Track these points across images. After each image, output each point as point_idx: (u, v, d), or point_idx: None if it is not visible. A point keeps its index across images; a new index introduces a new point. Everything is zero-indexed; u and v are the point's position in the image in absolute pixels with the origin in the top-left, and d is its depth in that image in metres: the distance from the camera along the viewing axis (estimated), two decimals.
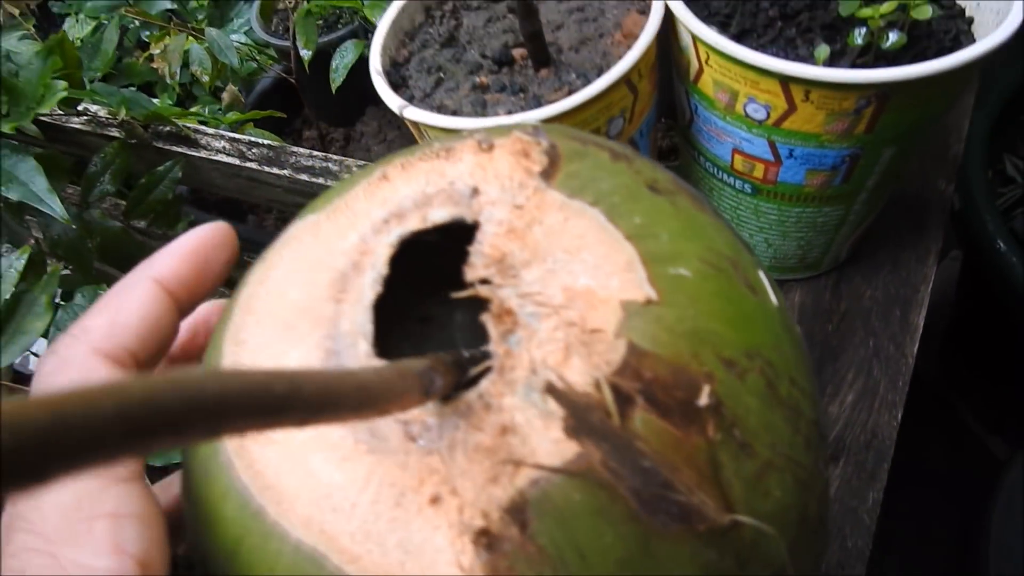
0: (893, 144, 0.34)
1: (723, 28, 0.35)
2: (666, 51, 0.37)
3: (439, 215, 0.18)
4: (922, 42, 0.33)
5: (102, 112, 0.65)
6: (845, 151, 0.33)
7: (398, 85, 0.38)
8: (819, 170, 0.35)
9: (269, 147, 0.64)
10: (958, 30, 0.34)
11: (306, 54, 0.76)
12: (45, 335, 0.45)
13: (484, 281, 0.16)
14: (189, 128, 0.65)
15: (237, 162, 0.66)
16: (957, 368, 0.92)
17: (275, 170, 0.67)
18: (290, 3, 0.81)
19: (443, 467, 0.14)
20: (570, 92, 0.34)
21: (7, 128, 0.54)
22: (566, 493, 0.14)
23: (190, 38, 0.86)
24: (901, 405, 0.39)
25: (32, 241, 0.51)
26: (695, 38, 0.33)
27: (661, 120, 0.52)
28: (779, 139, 0.34)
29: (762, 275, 0.19)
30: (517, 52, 0.37)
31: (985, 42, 0.29)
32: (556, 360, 0.15)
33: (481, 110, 0.35)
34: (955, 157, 0.49)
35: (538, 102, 0.35)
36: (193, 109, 0.83)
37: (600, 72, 0.34)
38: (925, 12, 0.31)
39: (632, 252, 0.16)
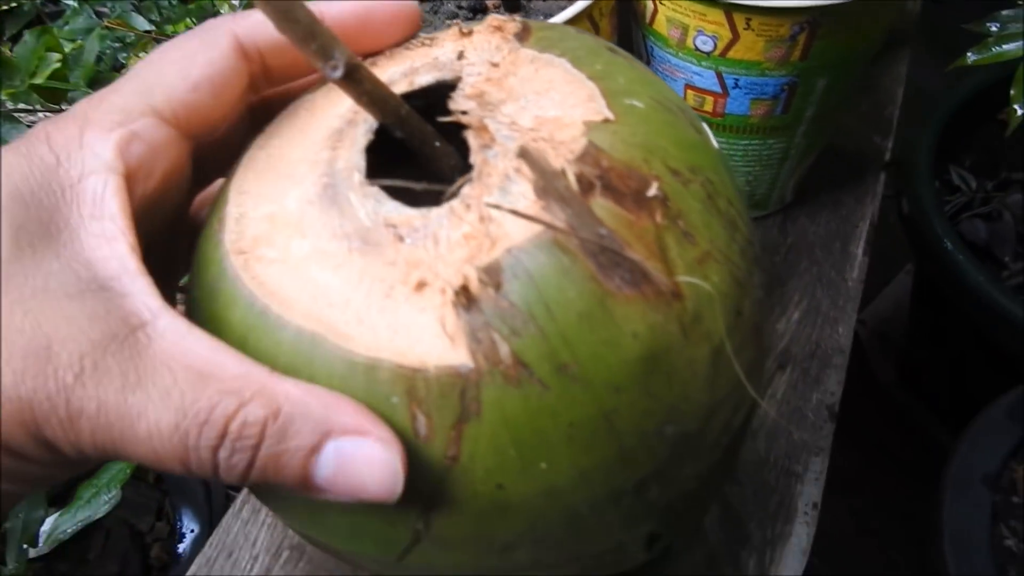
0: (825, 74, 0.38)
1: None
2: (624, 6, 0.42)
3: (424, 79, 0.20)
4: None
5: None
6: (784, 79, 0.38)
7: None
8: (762, 99, 0.39)
9: None
10: None
11: None
12: None
13: (465, 114, 0.19)
14: None
15: None
16: (917, 374, 0.96)
17: None
18: None
19: (428, 257, 0.16)
20: None
21: (4, 95, 0.56)
22: (535, 257, 0.16)
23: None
24: (842, 321, 0.42)
25: None
26: None
27: None
28: (725, 69, 0.38)
29: (706, 127, 0.22)
30: (490, 2, 0.41)
31: None
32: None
33: None
34: (890, 121, 0.54)
35: None
36: None
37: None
38: None
39: (593, 88, 0.19)
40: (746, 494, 0.37)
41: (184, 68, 0.18)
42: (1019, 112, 0.44)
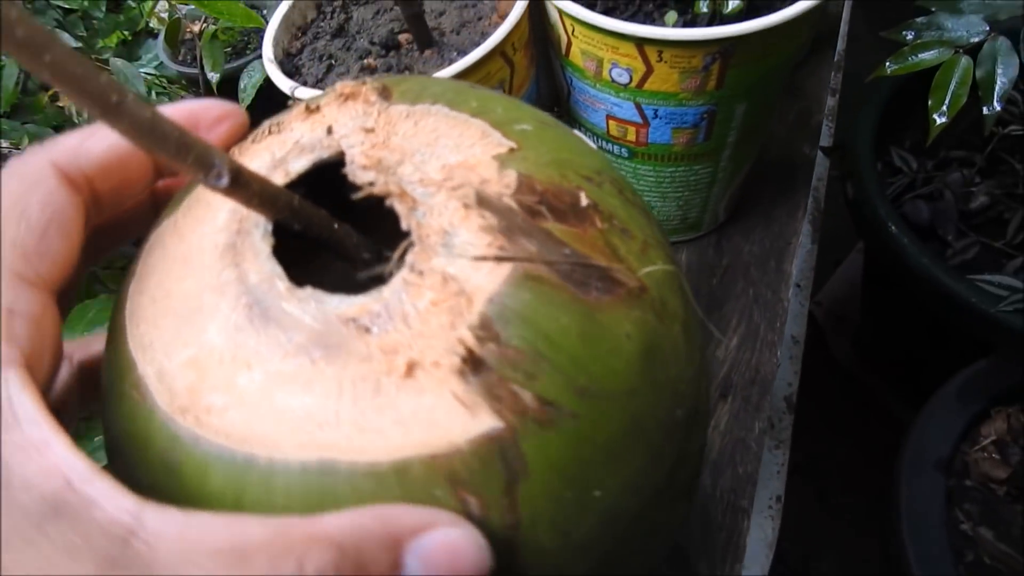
0: (744, 99, 0.37)
1: (590, 8, 0.38)
2: (541, 37, 0.41)
3: (300, 164, 0.19)
4: (759, 11, 0.37)
5: (4, 143, 0.64)
6: (702, 107, 0.37)
7: (291, 73, 0.40)
8: (683, 128, 0.38)
9: None
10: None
11: (213, 77, 0.77)
12: None
13: (372, 184, 0.18)
14: None
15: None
16: (873, 352, 0.97)
17: None
18: (196, 29, 0.82)
19: (405, 338, 0.15)
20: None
21: None
22: (517, 296, 0.16)
23: (95, 69, 0.85)
24: (780, 344, 0.42)
25: None
26: (561, 12, 0.36)
27: (555, 109, 0.56)
28: (643, 100, 0.37)
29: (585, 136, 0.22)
30: (403, 37, 0.40)
31: (798, 5, 0.33)
32: (461, 215, 0.17)
33: None
34: (817, 127, 0.54)
35: None
36: None
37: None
38: None
39: (481, 123, 0.19)
40: (694, 533, 0.37)
41: (23, 218, 0.16)
42: (938, 120, 0.44)
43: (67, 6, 0.98)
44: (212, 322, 0.16)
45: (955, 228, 0.70)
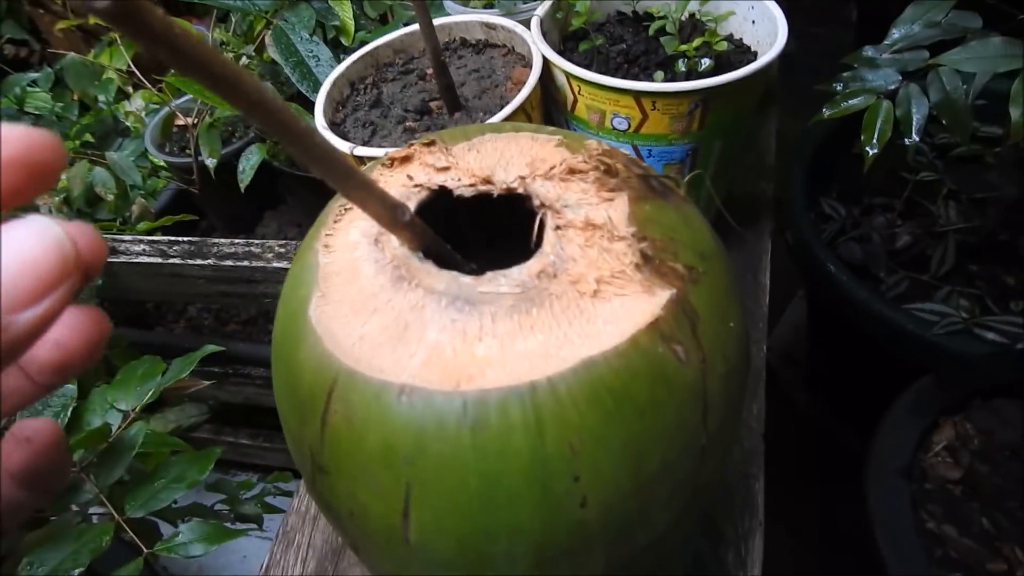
0: (720, 137, 0.46)
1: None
2: (547, 97, 0.49)
3: (467, 191, 0.25)
4: (725, 67, 0.47)
5: None
6: (687, 145, 0.46)
7: (340, 138, 0.47)
8: (672, 163, 0.47)
9: (190, 242, 0.69)
10: (746, 58, 0.48)
11: (211, 163, 0.82)
12: None
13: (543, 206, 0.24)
14: (107, 236, 0.69)
15: (159, 260, 0.69)
16: (823, 387, 1.05)
17: (199, 261, 0.71)
18: (192, 120, 0.88)
19: (581, 269, 0.21)
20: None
21: None
22: (641, 209, 0.23)
23: (88, 164, 0.89)
24: (764, 341, 0.50)
25: None
26: (569, 76, 0.45)
27: None
28: (640, 143, 0.45)
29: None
30: (434, 104, 0.48)
31: (760, 60, 0.43)
32: (564, 184, 0.24)
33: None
34: (771, 167, 0.63)
35: None
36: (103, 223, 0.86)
37: (501, 109, 0.44)
38: (722, 45, 0.45)
39: (526, 134, 0.27)
40: (718, 500, 0.43)
41: None
42: (871, 152, 0.54)
43: (38, 112, 1.03)
44: (428, 329, 0.21)
45: (885, 265, 0.80)
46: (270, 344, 0.26)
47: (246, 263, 0.73)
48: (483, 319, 0.21)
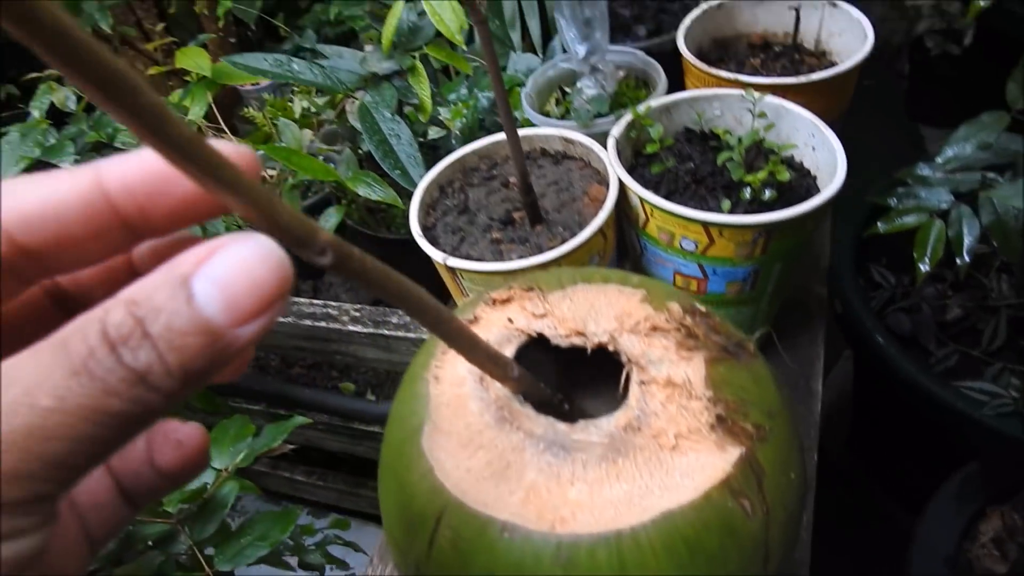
0: (780, 261, 0.50)
1: (656, 189, 0.51)
2: (619, 213, 0.53)
3: (508, 352, 0.29)
4: (787, 194, 0.51)
5: None
6: (750, 267, 0.49)
7: (432, 243, 0.52)
8: (734, 281, 0.50)
9: None
10: (809, 185, 0.52)
11: None
12: None
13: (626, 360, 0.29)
14: None
15: None
16: (866, 452, 1.05)
17: (280, 318, 0.77)
18: (273, 179, 0.95)
19: (662, 424, 0.25)
20: (562, 241, 0.48)
21: None
22: (717, 371, 0.27)
23: None
24: (814, 450, 0.53)
25: None
26: (642, 200, 0.49)
27: (626, 264, 0.68)
28: (706, 263, 0.49)
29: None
30: (516, 214, 0.53)
31: (823, 194, 0.46)
32: (648, 341, 0.28)
33: (499, 257, 0.49)
34: (824, 269, 0.66)
35: (539, 249, 0.49)
36: None
37: (579, 224, 0.49)
38: (785, 175, 0.49)
39: (614, 286, 0.32)
40: None
41: (37, 189, 0.17)
42: (923, 269, 0.57)
43: (122, 147, 1.10)
44: (527, 470, 0.25)
45: (935, 338, 0.80)
46: (333, 392, 0.31)
47: (323, 324, 0.78)
48: (575, 465, 0.25)
